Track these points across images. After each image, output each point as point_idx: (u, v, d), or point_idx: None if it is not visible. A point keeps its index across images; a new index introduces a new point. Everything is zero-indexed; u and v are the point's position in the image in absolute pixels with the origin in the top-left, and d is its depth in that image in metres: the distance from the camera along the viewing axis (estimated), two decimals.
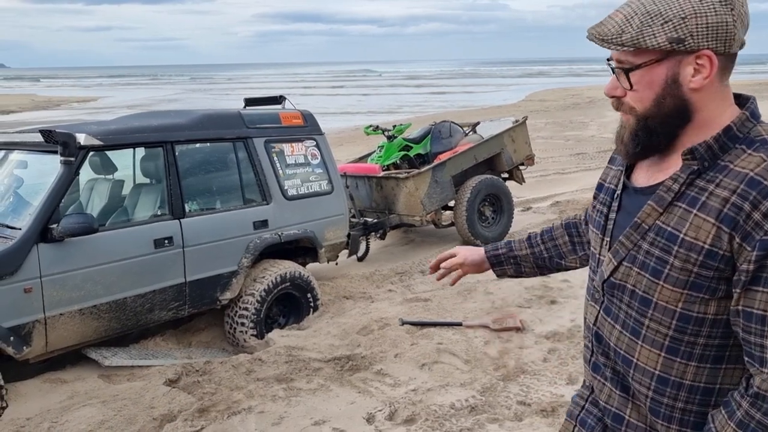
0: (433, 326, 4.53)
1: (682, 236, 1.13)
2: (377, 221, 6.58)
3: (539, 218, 8.06)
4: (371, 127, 7.43)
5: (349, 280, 5.87)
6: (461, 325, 4.51)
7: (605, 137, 15.24)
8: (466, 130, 7.74)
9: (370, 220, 6.65)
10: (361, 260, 6.55)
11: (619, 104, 1.23)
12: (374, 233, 6.72)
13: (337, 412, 3.50)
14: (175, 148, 4.42)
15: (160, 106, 31.78)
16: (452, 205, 7.03)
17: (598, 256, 1.33)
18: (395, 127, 7.40)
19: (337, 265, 5.86)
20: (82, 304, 3.88)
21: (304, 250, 5.21)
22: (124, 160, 4.64)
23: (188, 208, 4.43)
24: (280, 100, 5.54)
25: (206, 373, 3.98)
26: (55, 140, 3.86)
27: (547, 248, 1.67)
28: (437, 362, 3.98)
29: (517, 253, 1.71)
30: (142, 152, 4.52)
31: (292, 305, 4.97)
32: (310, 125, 5.29)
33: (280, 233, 4.85)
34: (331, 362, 4.05)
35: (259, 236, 4.71)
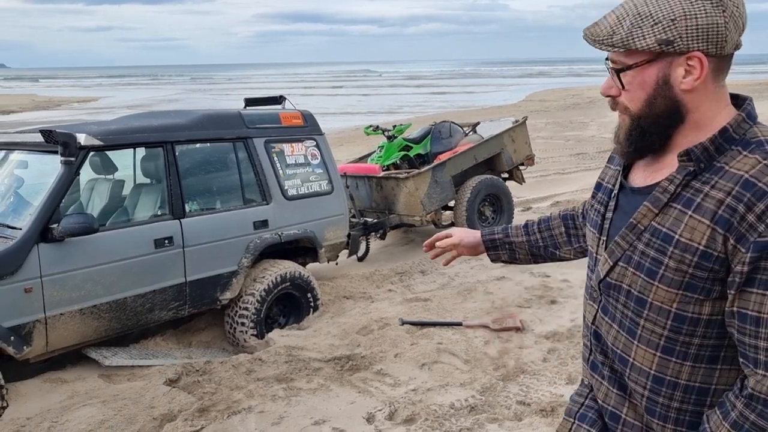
0: (433, 326, 4.53)
1: (677, 237, 1.14)
2: (377, 221, 6.59)
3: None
4: (371, 127, 7.43)
5: (349, 280, 5.87)
6: (461, 325, 4.52)
7: (605, 137, 15.22)
8: (466, 130, 7.75)
9: (370, 220, 6.65)
10: (361, 260, 6.56)
11: (614, 104, 1.24)
12: (374, 233, 6.72)
13: (337, 411, 3.50)
14: (175, 148, 4.42)
15: (160, 106, 31.78)
16: (452, 205, 7.04)
17: (595, 255, 1.33)
18: (395, 127, 7.40)
19: (337, 265, 5.87)
20: (82, 303, 3.88)
21: (304, 250, 5.21)
22: (124, 160, 4.65)
23: (188, 208, 4.43)
24: (280, 100, 5.54)
25: (206, 372, 3.99)
26: (55, 140, 3.86)
27: (543, 237, 1.69)
28: (437, 362, 3.99)
29: (513, 239, 1.73)
30: (142, 152, 4.52)
31: (292, 305, 4.97)
32: (310, 125, 5.30)
33: (280, 233, 4.85)
34: (331, 362, 4.05)
35: (259, 236, 4.72)
